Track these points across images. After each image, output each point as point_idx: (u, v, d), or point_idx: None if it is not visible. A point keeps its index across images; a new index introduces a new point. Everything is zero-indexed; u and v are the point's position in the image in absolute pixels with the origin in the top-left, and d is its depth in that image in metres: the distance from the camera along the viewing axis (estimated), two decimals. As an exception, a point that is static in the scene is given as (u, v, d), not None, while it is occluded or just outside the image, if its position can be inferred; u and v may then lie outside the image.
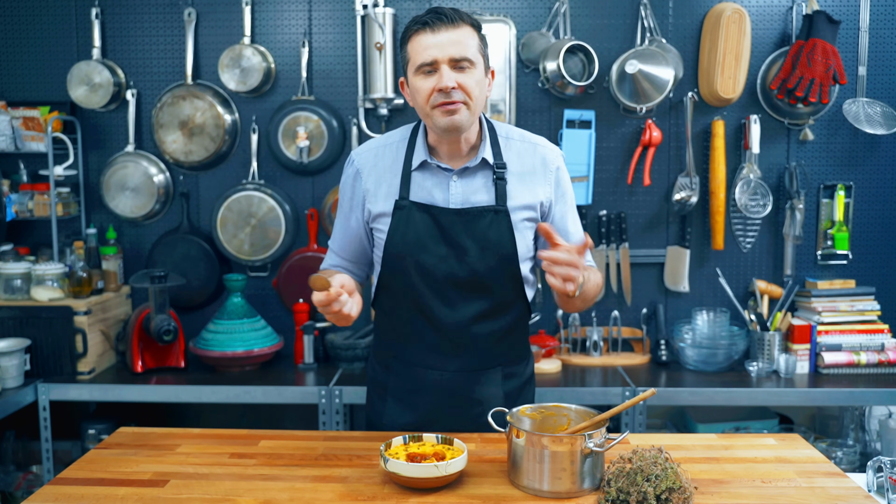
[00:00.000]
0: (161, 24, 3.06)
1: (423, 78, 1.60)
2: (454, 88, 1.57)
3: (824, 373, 2.85)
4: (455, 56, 1.58)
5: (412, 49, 1.61)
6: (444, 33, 1.58)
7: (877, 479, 1.54)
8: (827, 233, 3.05)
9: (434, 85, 1.58)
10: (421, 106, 1.63)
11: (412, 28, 1.62)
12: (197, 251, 3.08)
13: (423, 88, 1.60)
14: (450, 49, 1.57)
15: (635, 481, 1.34)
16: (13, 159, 3.06)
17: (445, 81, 1.57)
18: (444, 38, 1.58)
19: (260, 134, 3.07)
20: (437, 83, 1.58)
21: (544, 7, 3.01)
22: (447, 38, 1.58)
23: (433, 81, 1.59)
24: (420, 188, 1.71)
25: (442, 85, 1.57)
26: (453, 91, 1.57)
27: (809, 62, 2.80)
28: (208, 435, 1.75)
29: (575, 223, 1.79)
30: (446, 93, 1.58)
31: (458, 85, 1.58)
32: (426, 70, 1.59)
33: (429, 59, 1.58)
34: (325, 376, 2.79)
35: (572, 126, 3.00)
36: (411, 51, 1.62)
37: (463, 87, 1.58)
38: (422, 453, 1.47)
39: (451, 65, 1.58)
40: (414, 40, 1.61)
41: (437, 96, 1.59)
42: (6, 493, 2.88)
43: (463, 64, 1.59)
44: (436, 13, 1.59)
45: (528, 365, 1.88)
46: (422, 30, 1.59)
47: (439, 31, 1.58)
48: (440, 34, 1.58)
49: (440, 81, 1.57)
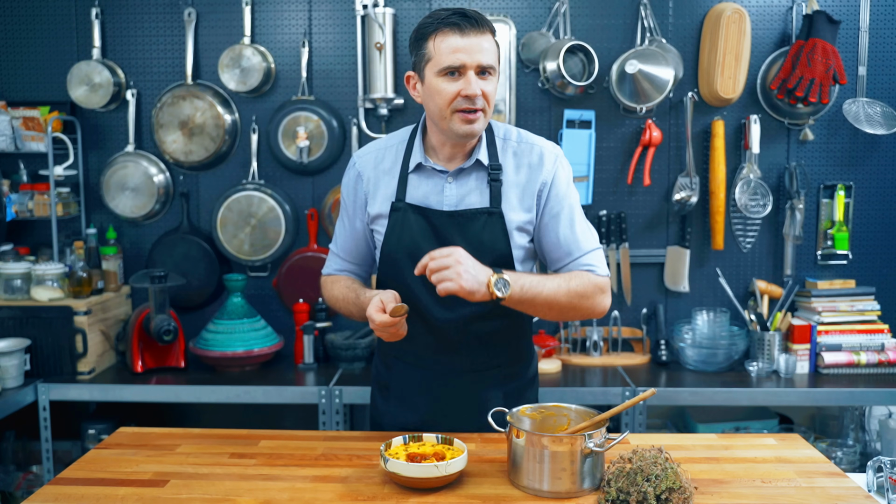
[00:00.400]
0: (161, 24, 3.06)
1: (447, 80, 1.59)
2: (478, 96, 1.58)
3: (824, 373, 2.85)
4: (483, 63, 1.58)
5: (437, 48, 1.58)
6: (473, 38, 1.57)
7: (877, 479, 1.54)
8: (827, 233, 3.05)
9: (459, 89, 1.57)
10: (439, 107, 1.61)
11: (437, 26, 1.59)
12: (197, 251, 3.07)
13: (446, 91, 1.59)
14: (478, 56, 1.57)
15: (635, 481, 1.34)
16: (13, 159, 3.06)
17: (474, 89, 1.57)
18: (473, 42, 1.57)
19: (260, 134, 3.07)
20: (464, 89, 1.57)
21: (544, 7, 3.01)
22: (476, 43, 1.57)
23: (458, 86, 1.58)
24: (416, 190, 1.71)
25: (469, 91, 1.57)
26: (477, 98, 1.58)
27: (809, 62, 2.80)
28: (208, 435, 1.75)
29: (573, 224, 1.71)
30: (471, 100, 1.58)
31: (482, 92, 1.58)
32: (450, 72, 1.58)
33: (457, 63, 1.57)
34: (325, 376, 2.79)
35: (572, 126, 3.00)
36: (436, 50, 1.59)
37: (485, 95, 1.59)
38: (422, 453, 1.47)
39: (477, 71, 1.58)
40: (440, 39, 1.58)
41: (461, 101, 1.58)
42: (6, 493, 2.88)
43: (488, 71, 1.59)
44: (463, 15, 1.57)
45: (531, 366, 1.87)
46: (450, 31, 1.57)
47: (469, 34, 1.57)
48: (469, 38, 1.57)
49: (467, 88, 1.57)
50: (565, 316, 1.71)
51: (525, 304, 1.60)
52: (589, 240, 1.72)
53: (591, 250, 1.71)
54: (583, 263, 1.70)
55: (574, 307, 1.66)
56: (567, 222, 1.70)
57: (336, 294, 1.82)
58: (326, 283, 1.88)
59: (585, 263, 1.70)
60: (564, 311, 1.67)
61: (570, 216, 1.71)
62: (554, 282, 1.62)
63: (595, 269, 1.70)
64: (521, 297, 1.58)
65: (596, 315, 1.73)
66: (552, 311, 1.66)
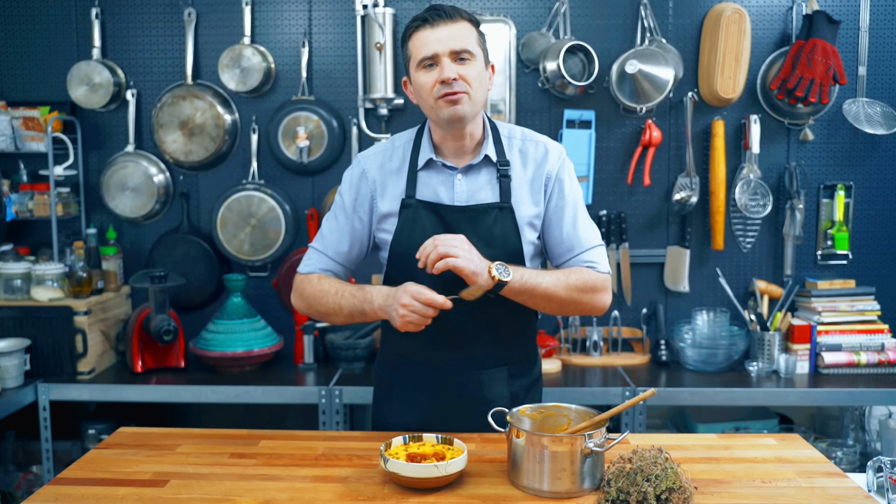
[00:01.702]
0: (161, 24, 3.06)
1: (425, 72, 1.63)
2: (455, 80, 1.60)
3: (824, 373, 2.84)
4: (455, 48, 1.61)
5: (413, 46, 1.65)
6: (444, 28, 1.61)
7: (877, 479, 1.54)
8: (827, 233, 3.05)
9: (436, 77, 1.61)
10: (425, 100, 1.65)
11: (412, 26, 1.66)
12: (197, 251, 3.08)
13: (425, 83, 1.63)
14: (450, 42, 1.61)
15: (635, 481, 1.34)
16: (13, 159, 3.06)
17: (447, 73, 1.60)
18: (443, 32, 1.61)
19: (260, 134, 3.07)
20: (439, 75, 1.61)
21: (544, 7, 3.01)
22: (446, 32, 1.61)
23: (435, 74, 1.62)
24: (426, 187, 1.72)
25: (444, 76, 1.60)
26: (455, 82, 1.60)
27: (809, 62, 2.80)
28: (208, 435, 1.75)
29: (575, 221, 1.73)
30: (448, 84, 1.60)
31: (460, 76, 1.61)
32: (427, 64, 1.63)
33: (430, 53, 1.61)
34: (325, 376, 2.79)
35: (572, 126, 3.00)
36: (412, 47, 1.65)
37: (464, 78, 1.61)
38: (422, 453, 1.47)
39: (451, 57, 1.61)
40: (414, 37, 1.64)
41: (440, 88, 1.61)
42: (6, 493, 2.88)
43: (463, 55, 1.62)
44: (434, 10, 1.63)
45: (536, 366, 1.88)
46: (421, 26, 1.63)
47: (438, 26, 1.61)
48: (439, 29, 1.61)
49: (442, 73, 1.60)
50: (565, 310, 1.73)
51: (525, 293, 1.63)
52: (591, 237, 1.75)
53: (594, 247, 1.74)
54: (584, 260, 1.73)
55: (573, 301, 1.69)
56: (570, 218, 1.73)
57: (326, 288, 1.73)
58: (310, 280, 1.77)
59: (587, 260, 1.72)
60: (564, 304, 1.69)
61: (573, 212, 1.74)
62: (553, 275, 1.66)
63: (596, 265, 1.72)
64: (522, 286, 1.61)
65: (596, 312, 1.75)
66: (551, 304, 1.68)
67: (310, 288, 1.77)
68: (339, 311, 1.73)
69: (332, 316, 1.75)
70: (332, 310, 1.74)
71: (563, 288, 1.66)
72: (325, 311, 1.75)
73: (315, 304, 1.76)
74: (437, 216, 1.70)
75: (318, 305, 1.75)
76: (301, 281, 1.81)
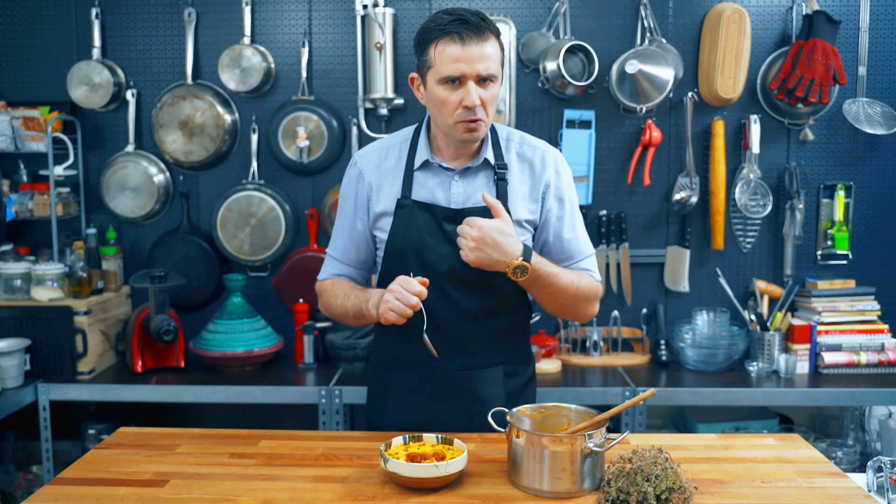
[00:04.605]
0: (161, 24, 3.06)
1: (447, 90, 1.60)
2: (477, 106, 1.59)
3: (824, 373, 2.84)
4: (482, 74, 1.58)
5: (438, 58, 1.59)
6: (474, 46, 1.57)
7: (877, 479, 1.54)
8: (827, 233, 3.05)
9: (459, 99, 1.59)
10: (443, 115, 1.63)
11: (438, 33, 1.59)
12: (197, 251, 3.08)
13: (447, 101, 1.60)
14: (478, 65, 1.57)
15: (635, 481, 1.34)
16: (13, 159, 3.06)
17: (473, 99, 1.58)
18: (473, 51, 1.57)
19: (260, 134, 3.07)
20: (464, 99, 1.58)
21: (544, 7, 3.01)
22: (476, 51, 1.57)
23: (458, 95, 1.59)
24: (422, 187, 1.72)
25: (469, 102, 1.58)
26: (477, 109, 1.59)
27: (809, 62, 2.80)
28: (208, 435, 1.75)
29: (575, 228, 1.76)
30: (471, 110, 1.59)
31: (482, 101, 1.59)
32: (450, 80, 1.59)
33: (457, 74, 1.58)
34: (325, 376, 2.79)
35: (572, 126, 3.00)
36: (437, 59, 1.59)
37: (485, 104, 1.60)
38: (422, 453, 1.47)
39: (476, 80, 1.59)
40: (439, 48, 1.59)
41: (462, 112, 1.60)
42: (6, 493, 2.88)
43: (489, 79, 1.60)
44: (464, 22, 1.57)
45: (530, 365, 1.89)
46: (450, 39, 1.57)
47: (469, 44, 1.57)
48: (469, 47, 1.57)
49: (467, 98, 1.58)
50: (564, 311, 1.75)
51: (541, 280, 1.63)
52: (588, 244, 1.79)
53: (590, 255, 1.78)
54: (583, 267, 1.76)
55: (574, 306, 1.73)
56: (570, 226, 1.75)
57: (336, 293, 1.78)
58: (326, 288, 1.83)
59: (585, 268, 1.76)
60: (566, 306, 1.72)
61: (572, 219, 1.76)
62: (569, 276, 1.68)
63: (594, 274, 1.77)
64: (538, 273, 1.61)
65: (583, 319, 1.81)
66: (555, 302, 1.70)
67: (325, 294, 1.83)
68: (346, 315, 1.77)
69: (344, 319, 1.80)
70: (341, 313, 1.79)
71: (574, 291, 1.69)
72: (337, 315, 1.81)
73: (330, 310, 1.82)
74: (432, 217, 1.70)
75: (332, 310, 1.81)
76: (318, 287, 1.87)
